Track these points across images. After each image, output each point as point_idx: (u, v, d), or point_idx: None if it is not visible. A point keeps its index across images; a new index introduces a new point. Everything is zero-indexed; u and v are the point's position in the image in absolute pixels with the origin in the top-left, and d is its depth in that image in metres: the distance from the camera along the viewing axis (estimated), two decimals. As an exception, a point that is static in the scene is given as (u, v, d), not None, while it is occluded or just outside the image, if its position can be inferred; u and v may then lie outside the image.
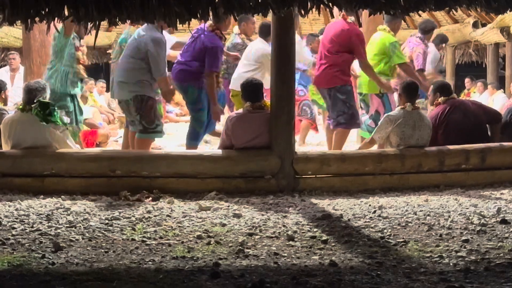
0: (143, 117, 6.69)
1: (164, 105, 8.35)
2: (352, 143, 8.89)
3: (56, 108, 6.28)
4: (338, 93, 7.31)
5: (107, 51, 14.83)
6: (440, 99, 6.91)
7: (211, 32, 6.99)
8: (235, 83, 7.78)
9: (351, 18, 7.23)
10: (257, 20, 8.94)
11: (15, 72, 10.59)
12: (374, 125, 7.52)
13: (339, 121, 7.35)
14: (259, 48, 7.99)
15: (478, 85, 14.85)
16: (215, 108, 7.05)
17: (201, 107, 7.09)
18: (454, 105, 6.85)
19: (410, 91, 6.59)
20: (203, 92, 7.04)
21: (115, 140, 9.78)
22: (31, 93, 6.23)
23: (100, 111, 11.57)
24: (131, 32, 7.46)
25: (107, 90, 14.74)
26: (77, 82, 7.23)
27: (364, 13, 7.37)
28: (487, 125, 6.96)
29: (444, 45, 9.14)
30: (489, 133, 6.94)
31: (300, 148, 9.12)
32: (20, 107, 6.25)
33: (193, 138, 7.19)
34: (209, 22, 6.53)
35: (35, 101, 6.14)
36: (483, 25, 14.65)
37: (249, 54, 8.06)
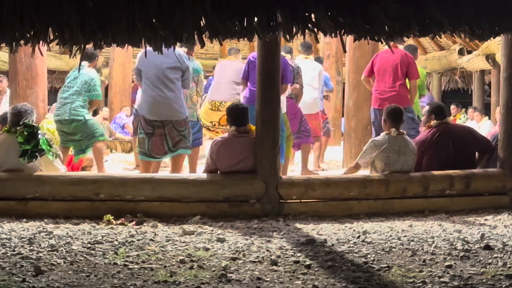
0: (188, 134, 7.32)
1: None
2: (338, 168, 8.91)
3: (40, 130, 6.25)
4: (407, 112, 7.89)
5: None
6: (433, 122, 6.90)
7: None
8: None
9: (400, 46, 8.09)
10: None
11: (2, 95, 10.57)
12: None
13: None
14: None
15: (469, 111, 14.92)
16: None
17: None
18: (444, 131, 6.80)
19: (395, 116, 6.60)
20: None
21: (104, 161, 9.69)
22: (17, 115, 6.21)
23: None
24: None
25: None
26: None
27: (350, 39, 7.44)
28: (476, 152, 6.86)
29: None
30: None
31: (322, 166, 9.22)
32: (6, 129, 6.23)
33: None
34: None
35: (21, 123, 6.12)
36: (469, 52, 14.82)
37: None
